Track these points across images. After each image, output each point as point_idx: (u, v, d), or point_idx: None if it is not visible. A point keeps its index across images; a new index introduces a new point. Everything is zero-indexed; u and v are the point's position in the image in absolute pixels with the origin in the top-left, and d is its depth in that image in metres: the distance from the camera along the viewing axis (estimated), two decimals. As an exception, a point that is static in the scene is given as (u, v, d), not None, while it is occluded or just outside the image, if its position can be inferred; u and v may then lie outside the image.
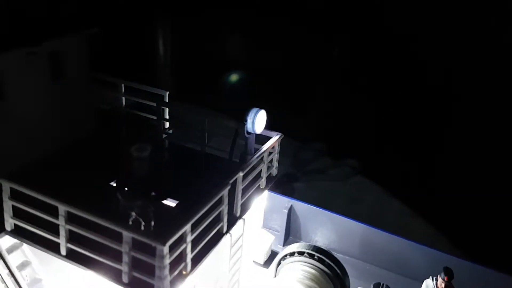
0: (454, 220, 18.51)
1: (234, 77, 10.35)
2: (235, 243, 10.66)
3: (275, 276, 12.21)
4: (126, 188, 8.54)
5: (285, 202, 14.70)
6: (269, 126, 12.08)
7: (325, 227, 14.45)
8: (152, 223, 8.88)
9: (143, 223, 8.69)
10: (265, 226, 14.46)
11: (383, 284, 11.32)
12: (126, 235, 8.00)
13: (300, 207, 14.66)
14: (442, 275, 10.65)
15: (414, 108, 22.59)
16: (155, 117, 13.20)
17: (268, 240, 13.76)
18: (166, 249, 7.84)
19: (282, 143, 12.19)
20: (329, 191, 20.49)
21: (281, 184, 18.26)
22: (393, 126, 23.03)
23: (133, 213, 8.64)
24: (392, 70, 22.35)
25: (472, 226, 18.09)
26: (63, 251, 8.93)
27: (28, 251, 10.05)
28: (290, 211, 14.66)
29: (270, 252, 13.86)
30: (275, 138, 11.74)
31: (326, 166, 22.55)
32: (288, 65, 25.03)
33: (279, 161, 12.29)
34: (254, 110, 11.36)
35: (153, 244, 7.82)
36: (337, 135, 23.55)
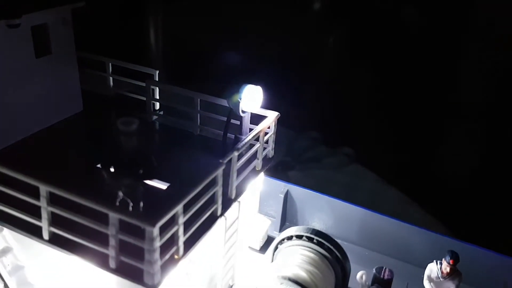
0: (452, 207, 18.15)
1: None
2: (230, 227, 10.15)
3: (272, 261, 11.69)
4: (112, 166, 7.91)
5: (281, 186, 14.20)
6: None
7: (322, 212, 13.96)
8: (141, 203, 8.27)
9: (131, 203, 8.09)
10: (261, 212, 13.94)
11: (385, 268, 10.85)
12: (113, 216, 7.40)
13: (297, 191, 14.17)
14: (448, 258, 10.21)
15: (411, 95, 22.21)
16: (144, 98, 12.66)
17: (264, 225, 13.25)
18: (156, 230, 7.25)
19: (277, 131, 11.64)
20: (325, 179, 20.11)
21: (276, 173, 17.79)
22: (389, 114, 22.64)
23: (120, 193, 8.04)
24: (390, 58, 21.91)
25: (470, 213, 17.74)
26: (45, 235, 8.33)
27: (9, 236, 9.48)
28: (287, 196, 14.17)
29: (266, 238, 13.38)
30: (271, 117, 11.20)
31: (322, 155, 22.16)
32: (284, 52, 24.50)
33: (274, 150, 11.76)
34: (249, 86, 10.80)
35: (142, 225, 7.22)
36: (333, 123, 23.10)
